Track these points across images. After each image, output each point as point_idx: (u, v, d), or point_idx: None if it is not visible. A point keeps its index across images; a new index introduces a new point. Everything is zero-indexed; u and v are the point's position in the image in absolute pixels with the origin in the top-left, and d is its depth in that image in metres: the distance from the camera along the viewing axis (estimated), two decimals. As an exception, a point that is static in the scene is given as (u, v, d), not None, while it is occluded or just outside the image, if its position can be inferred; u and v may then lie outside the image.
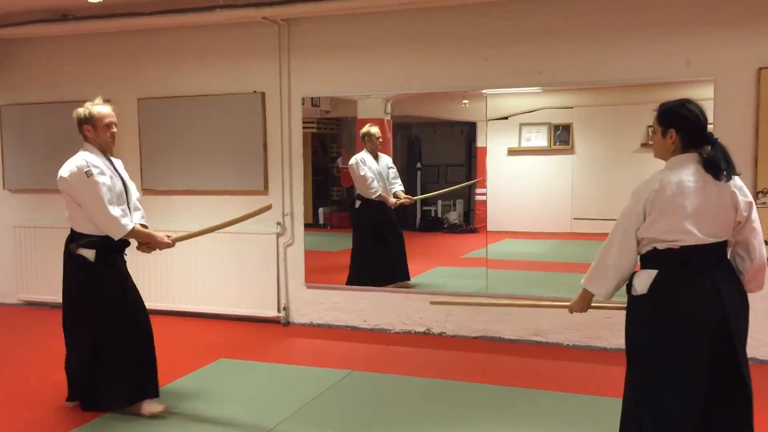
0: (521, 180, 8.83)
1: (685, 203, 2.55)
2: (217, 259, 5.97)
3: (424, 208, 10.99)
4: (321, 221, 10.24)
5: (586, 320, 5.11)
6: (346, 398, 4.15)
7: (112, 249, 3.80)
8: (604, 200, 7.72)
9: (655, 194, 2.59)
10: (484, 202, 8.65)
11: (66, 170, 3.69)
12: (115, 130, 3.81)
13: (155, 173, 6.13)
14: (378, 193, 6.31)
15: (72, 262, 3.81)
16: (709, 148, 2.61)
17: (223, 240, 5.89)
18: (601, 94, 7.04)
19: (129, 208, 3.87)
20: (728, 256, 2.74)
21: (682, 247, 2.57)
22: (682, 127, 2.61)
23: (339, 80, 5.61)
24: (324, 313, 5.79)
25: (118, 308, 3.78)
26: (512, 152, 8.92)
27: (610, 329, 5.05)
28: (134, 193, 4.02)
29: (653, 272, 2.63)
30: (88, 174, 3.62)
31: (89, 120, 3.75)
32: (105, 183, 3.66)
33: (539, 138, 8.91)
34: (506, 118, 8.60)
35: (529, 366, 4.79)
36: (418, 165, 11.11)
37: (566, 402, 4.03)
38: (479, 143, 8.27)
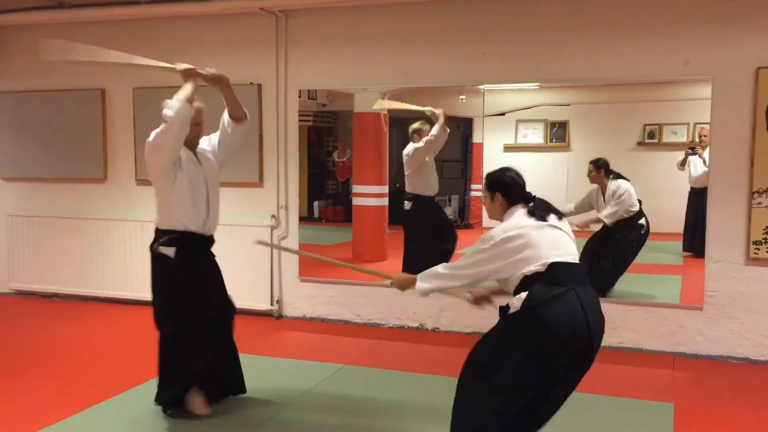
0: (517, 176, 8.80)
1: (531, 235, 2.84)
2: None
3: (420, 203, 10.92)
4: (316, 215, 10.22)
5: (579, 318, 5.10)
6: (338, 392, 4.14)
7: (193, 247, 3.66)
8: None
9: (502, 241, 2.86)
10: (480, 198, 8.62)
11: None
12: (203, 132, 3.75)
13: (149, 164, 6.09)
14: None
15: (154, 261, 3.67)
16: (531, 204, 2.97)
17: (216, 231, 5.86)
18: (598, 91, 7.02)
19: (208, 208, 3.72)
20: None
21: (548, 266, 2.78)
22: (505, 191, 3.02)
23: (336, 73, 5.59)
24: (317, 307, 5.78)
25: (193, 310, 3.63)
26: (508, 149, 8.89)
27: (603, 327, 5.04)
28: (216, 182, 3.83)
29: (524, 294, 2.80)
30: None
31: None
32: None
33: (535, 135, 8.87)
34: (503, 114, 8.58)
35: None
36: (414, 160, 11.04)
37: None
38: (475, 139, 8.24)
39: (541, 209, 2.95)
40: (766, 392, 4.24)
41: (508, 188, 3.02)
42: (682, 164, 5.78)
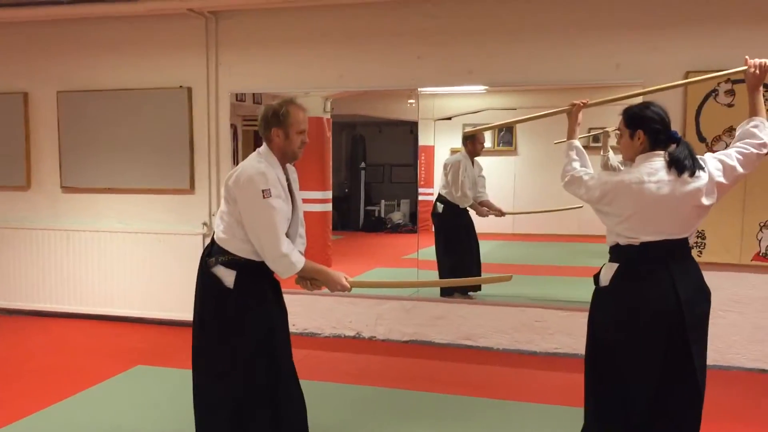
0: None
1: (645, 203, 2.61)
2: (139, 259, 5.72)
3: (368, 207, 10.88)
4: (264, 221, 10.04)
5: (516, 324, 5.05)
6: (264, 407, 3.98)
7: (257, 273, 2.99)
8: (546, 202, 7.73)
9: (616, 187, 2.67)
10: (430, 203, 8.54)
11: (239, 179, 2.88)
12: (307, 140, 3.05)
13: (75, 170, 5.85)
14: (470, 203, 6.03)
15: (207, 281, 2.98)
16: (674, 146, 2.66)
17: (144, 240, 5.67)
18: (543, 96, 7.00)
19: (290, 233, 3.06)
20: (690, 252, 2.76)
21: (642, 243, 2.63)
22: (648, 128, 2.67)
23: (269, 76, 5.45)
24: (252, 317, 5.60)
25: (259, 351, 2.95)
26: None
27: (540, 333, 5.00)
28: (301, 211, 3.16)
29: (615, 265, 2.70)
30: (265, 195, 2.84)
31: (283, 122, 2.93)
32: (281, 209, 2.90)
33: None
34: (449, 118, 8.54)
35: (459, 371, 4.69)
36: (362, 164, 10.99)
37: (495, 409, 3.95)
38: (421, 142, 8.17)
39: (682, 159, 2.60)
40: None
41: (654, 125, 2.67)
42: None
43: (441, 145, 8.68)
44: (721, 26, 4.52)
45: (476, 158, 6.30)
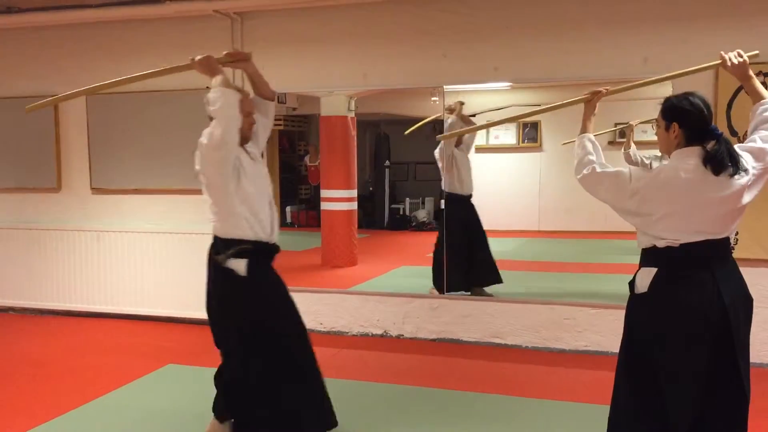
0: (489, 178, 8.74)
1: (682, 200, 2.49)
2: (169, 259, 5.79)
3: (393, 206, 10.87)
4: (288, 220, 10.08)
5: (545, 322, 5.02)
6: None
7: (264, 257, 3.23)
8: (572, 198, 7.67)
9: (650, 184, 2.55)
10: (456, 200, 8.47)
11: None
12: (254, 123, 3.32)
13: (105, 172, 5.94)
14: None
15: (221, 276, 3.23)
16: (713, 142, 2.51)
17: (175, 240, 5.73)
18: (568, 91, 6.89)
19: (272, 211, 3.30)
20: (731, 253, 2.65)
21: (682, 245, 2.50)
22: (684, 121, 2.54)
23: (294, 76, 5.46)
24: (279, 316, 5.63)
25: (270, 329, 3.20)
26: (480, 150, 8.83)
27: (569, 331, 4.96)
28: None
29: (653, 270, 2.56)
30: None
31: None
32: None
33: (507, 135, 8.83)
34: (474, 115, 8.51)
35: (487, 369, 4.68)
36: (387, 163, 10.98)
37: (524, 407, 3.93)
38: (445, 139, 8.11)
39: (719, 158, 2.46)
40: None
41: (690, 118, 2.53)
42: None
43: (465, 142, 8.64)
44: (755, 17, 4.43)
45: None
